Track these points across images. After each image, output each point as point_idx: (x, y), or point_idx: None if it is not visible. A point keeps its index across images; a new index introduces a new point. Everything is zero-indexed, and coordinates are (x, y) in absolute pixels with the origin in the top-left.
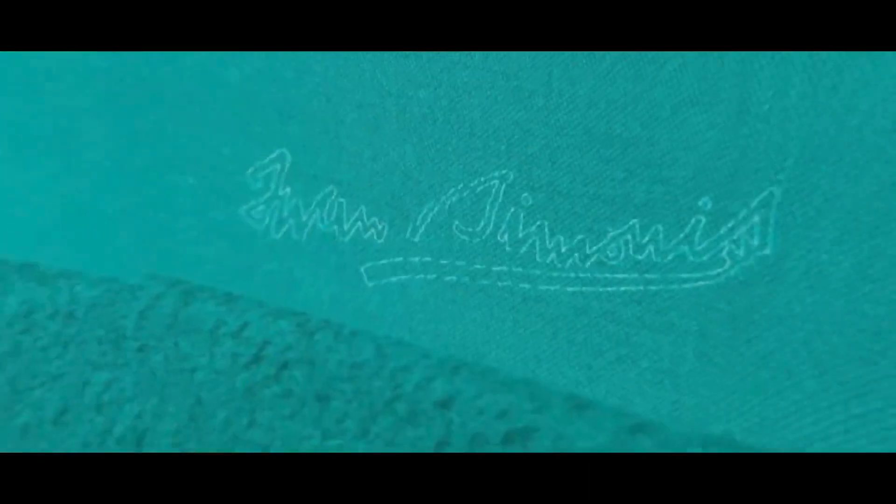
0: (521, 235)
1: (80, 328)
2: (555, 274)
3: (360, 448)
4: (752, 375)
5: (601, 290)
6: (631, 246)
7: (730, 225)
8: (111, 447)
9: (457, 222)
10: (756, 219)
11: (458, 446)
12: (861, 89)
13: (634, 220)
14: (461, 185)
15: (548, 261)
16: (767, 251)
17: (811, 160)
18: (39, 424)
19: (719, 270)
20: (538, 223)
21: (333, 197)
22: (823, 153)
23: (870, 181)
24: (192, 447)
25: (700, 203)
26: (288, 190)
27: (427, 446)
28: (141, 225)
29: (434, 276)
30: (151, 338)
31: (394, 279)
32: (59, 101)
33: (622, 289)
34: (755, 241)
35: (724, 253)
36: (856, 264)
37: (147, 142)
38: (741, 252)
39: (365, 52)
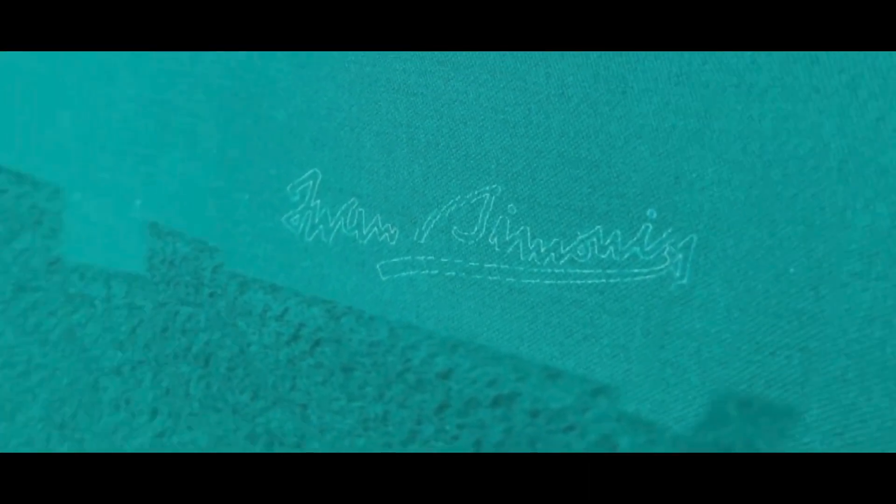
0: (507, 238)
1: (176, 272)
2: (535, 270)
3: (378, 409)
4: (661, 369)
5: (572, 282)
6: (596, 247)
7: (669, 231)
8: (190, 361)
9: (455, 227)
10: (680, 257)
11: (455, 408)
12: (734, 163)
13: (598, 226)
14: (459, 197)
15: (529, 259)
16: (685, 281)
17: (715, 221)
18: (154, 336)
19: (661, 266)
20: (521, 228)
21: (355, 207)
22: (725, 215)
23: (747, 240)
24: (240, 372)
25: (648, 213)
26: (318, 202)
27: (430, 408)
28: (216, 216)
29: (436, 271)
30: (218, 287)
31: (403, 274)
32: (182, 107)
33: (588, 282)
34: (677, 274)
35: (665, 253)
36: (735, 294)
37: (223, 161)
38: (678, 256)
39: (382, 93)
